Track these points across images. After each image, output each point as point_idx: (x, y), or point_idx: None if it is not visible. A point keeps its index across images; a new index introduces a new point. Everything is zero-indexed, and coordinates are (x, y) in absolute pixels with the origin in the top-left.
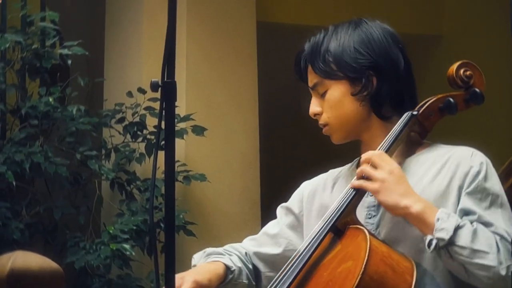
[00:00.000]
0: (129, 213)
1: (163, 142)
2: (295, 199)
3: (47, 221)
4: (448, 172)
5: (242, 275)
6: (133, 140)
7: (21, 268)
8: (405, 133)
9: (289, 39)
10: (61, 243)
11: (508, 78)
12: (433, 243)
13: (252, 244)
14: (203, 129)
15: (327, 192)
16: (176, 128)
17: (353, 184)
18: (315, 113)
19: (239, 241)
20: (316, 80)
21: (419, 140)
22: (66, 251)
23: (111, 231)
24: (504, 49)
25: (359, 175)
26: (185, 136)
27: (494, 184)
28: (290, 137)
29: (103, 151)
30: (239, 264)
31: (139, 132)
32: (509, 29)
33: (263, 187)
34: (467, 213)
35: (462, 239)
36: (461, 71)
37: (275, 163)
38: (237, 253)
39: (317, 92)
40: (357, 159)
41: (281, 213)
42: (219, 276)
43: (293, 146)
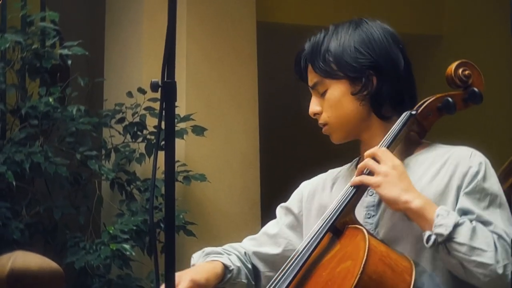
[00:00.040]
0: (129, 213)
1: (163, 142)
2: (294, 199)
3: (47, 221)
4: (447, 172)
5: (241, 274)
6: (133, 140)
7: (21, 268)
8: (403, 132)
9: (289, 39)
10: (61, 243)
11: (508, 78)
12: (432, 238)
13: (251, 244)
14: (203, 129)
15: (326, 192)
16: (176, 128)
17: (353, 181)
18: (315, 112)
19: (239, 241)
20: (316, 80)
21: (418, 139)
22: (66, 251)
23: (111, 231)
24: (504, 49)
25: (360, 170)
26: (185, 136)
27: (492, 184)
28: (290, 137)
29: (103, 151)
30: (238, 264)
31: (139, 132)
32: (509, 29)
33: (263, 187)
34: (465, 212)
35: (461, 235)
36: (460, 70)
37: (275, 163)
38: (236, 252)
39: (317, 91)
40: (356, 159)
41: (280, 213)
42: (217, 275)
43: (293, 146)
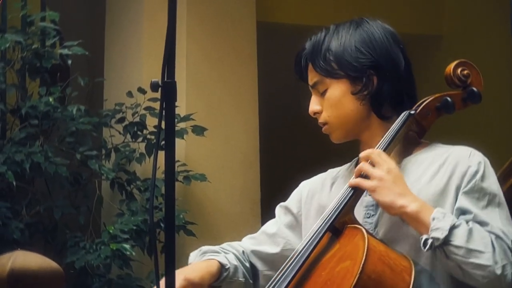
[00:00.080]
0: (129, 213)
1: (163, 142)
2: (294, 199)
3: (47, 221)
4: (446, 171)
5: (238, 273)
6: (133, 140)
7: (21, 268)
8: (402, 132)
9: (289, 39)
10: (61, 243)
11: (508, 78)
12: (428, 242)
13: (250, 243)
14: (203, 129)
15: (325, 192)
16: (176, 128)
17: (350, 183)
18: (315, 111)
19: (239, 241)
20: (316, 79)
21: (417, 139)
22: (66, 251)
23: (111, 231)
24: (504, 49)
25: (358, 173)
26: (185, 136)
27: (491, 184)
28: (290, 137)
29: (103, 151)
30: (234, 262)
31: (139, 132)
32: (509, 29)
33: (263, 187)
34: (463, 212)
35: (457, 238)
36: (459, 70)
37: (275, 163)
38: (233, 251)
39: (317, 90)
40: (355, 159)
41: (279, 212)
42: (212, 274)
43: (293, 146)
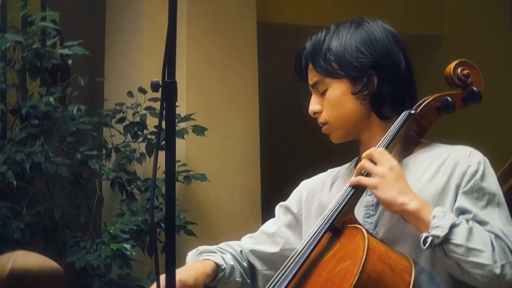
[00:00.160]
0: (129, 213)
1: (163, 142)
2: (294, 198)
3: (47, 221)
4: (446, 171)
5: (234, 273)
6: (134, 140)
7: (21, 268)
8: (403, 132)
9: (289, 39)
10: (61, 243)
11: (508, 78)
12: (428, 240)
13: (249, 242)
14: (203, 129)
15: (325, 192)
16: (177, 128)
17: (351, 182)
18: (315, 111)
19: (239, 241)
20: (316, 78)
21: (417, 139)
22: (66, 251)
23: (111, 231)
24: (504, 49)
25: (359, 171)
26: (185, 136)
27: (491, 183)
28: (291, 137)
29: (104, 151)
30: (231, 262)
31: (139, 132)
32: (509, 29)
33: (264, 186)
34: (463, 212)
35: (457, 237)
36: (459, 70)
37: (275, 163)
38: (231, 251)
39: (317, 90)
40: (355, 159)
41: (279, 212)
42: (206, 274)
43: (293, 146)
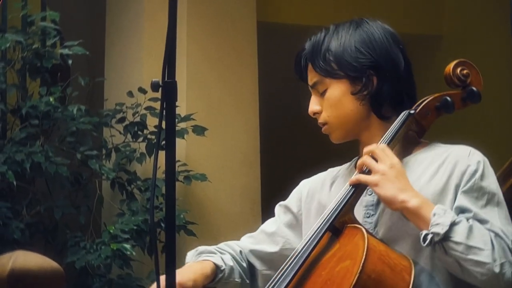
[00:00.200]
0: (129, 213)
1: (163, 142)
2: (294, 198)
3: (47, 221)
4: (446, 171)
5: (234, 273)
6: (134, 140)
7: (21, 268)
8: (402, 131)
9: (289, 39)
10: (61, 243)
11: (508, 78)
12: (428, 237)
13: (249, 242)
14: (203, 129)
15: (325, 191)
16: (177, 128)
17: (351, 181)
18: (315, 111)
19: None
20: (316, 79)
21: (417, 139)
22: (66, 251)
23: (111, 231)
24: (504, 49)
25: (360, 167)
26: (185, 136)
27: (490, 183)
28: (291, 137)
29: (104, 151)
30: (230, 263)
31: (139, 132)
32: (509, 29)
33: (264, 186)
34: (463, 210)
35: (457, 234)
36: (458, 70)
37: (275, 163)
38: (230, 251)
39: (317, 90)
40: (355, 159)
41: (279, 211)
42: (205, 276)
43: (293, 146)
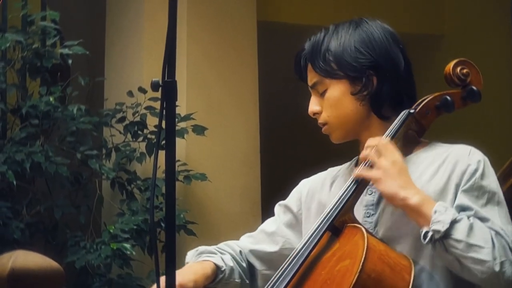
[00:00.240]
0: (129, 212)
1: (163, 142)
2: (293, 197)
3: (47, 220)
4: (446, 170)
5: (234, 274)
6: (134, 139)
7: (21, 268)
8: (402, 131)
9: (289, 38)
10: (61, 242)
11: (508, 78)
12: (429, 235)
13: (248, 241)
14: (203, 129)
15: (325, 191)
16: (177, 128)
17: (354, 175)
18: (315, 112)
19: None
20: (316, 79)
21: (417, 138)
22: (66, 251)
23: (111, 230)
24: (504, 49)
25: (363, 159)
26: (185, 135)
27: (491, 182)
28: (291, 137)
29: (104, 151)
30: (230, 264)
31: (139, 132)
32: (509, 29)
33: (264, 186)
34: (463, 209)
35: (458, 232)
36: (458, 69)
37: (275, 162)
38: (230, 251)
39: (316, 91)
40: (355, 158)
41: (279, 211)
42: (206, 276)
43: (293, 145)
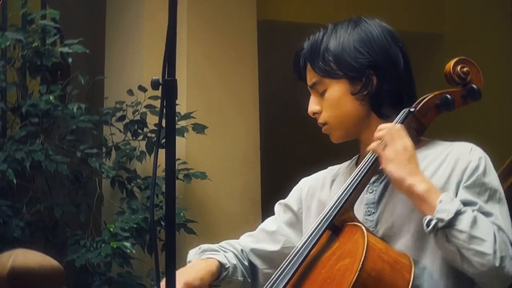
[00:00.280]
0: (129, 211)
1: (163, 140)
2: (294, 196)
3: (47, 219)
4: (447, 168)
5: (237, 272)
6: (134, 138)
7: (21, 266)
8: None
9: (289, 37)
10: (61, 241)
11: (508, 78)
12: (432, 223)
13: (249, 241)
14: (203, 127)
15: (325, 190)
16: (177, 126)
17: (370, 147)
18: (314, 112)
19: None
20: (315, 79)
21: (417, 137)
22: (66, 249)
23: (111, 229)
24: (504, 49)
25: (377, 138)
26: (185, 134)
27: (492, 179)
28: (291, 136)
29: (104, 149)
30: (233, 261)
31: (139, 130)
32: (509, 29)
33: (264, 185)
34: (467, 204)
35: (461, 223)
36: (458, 67)
37: (275, 161)
38: (232, 249)
39: (316, 91)
40: (356, 157)
41: (279, 210)
42: (211, 273)
43: (293, 145)
